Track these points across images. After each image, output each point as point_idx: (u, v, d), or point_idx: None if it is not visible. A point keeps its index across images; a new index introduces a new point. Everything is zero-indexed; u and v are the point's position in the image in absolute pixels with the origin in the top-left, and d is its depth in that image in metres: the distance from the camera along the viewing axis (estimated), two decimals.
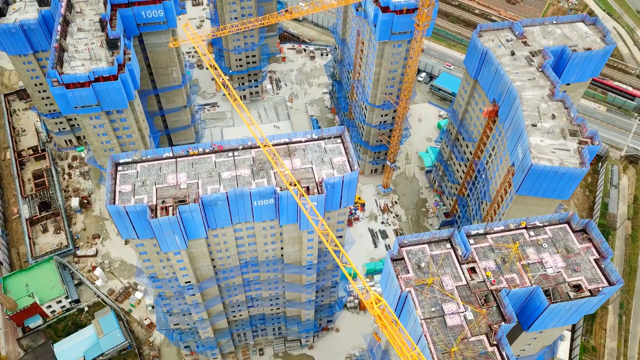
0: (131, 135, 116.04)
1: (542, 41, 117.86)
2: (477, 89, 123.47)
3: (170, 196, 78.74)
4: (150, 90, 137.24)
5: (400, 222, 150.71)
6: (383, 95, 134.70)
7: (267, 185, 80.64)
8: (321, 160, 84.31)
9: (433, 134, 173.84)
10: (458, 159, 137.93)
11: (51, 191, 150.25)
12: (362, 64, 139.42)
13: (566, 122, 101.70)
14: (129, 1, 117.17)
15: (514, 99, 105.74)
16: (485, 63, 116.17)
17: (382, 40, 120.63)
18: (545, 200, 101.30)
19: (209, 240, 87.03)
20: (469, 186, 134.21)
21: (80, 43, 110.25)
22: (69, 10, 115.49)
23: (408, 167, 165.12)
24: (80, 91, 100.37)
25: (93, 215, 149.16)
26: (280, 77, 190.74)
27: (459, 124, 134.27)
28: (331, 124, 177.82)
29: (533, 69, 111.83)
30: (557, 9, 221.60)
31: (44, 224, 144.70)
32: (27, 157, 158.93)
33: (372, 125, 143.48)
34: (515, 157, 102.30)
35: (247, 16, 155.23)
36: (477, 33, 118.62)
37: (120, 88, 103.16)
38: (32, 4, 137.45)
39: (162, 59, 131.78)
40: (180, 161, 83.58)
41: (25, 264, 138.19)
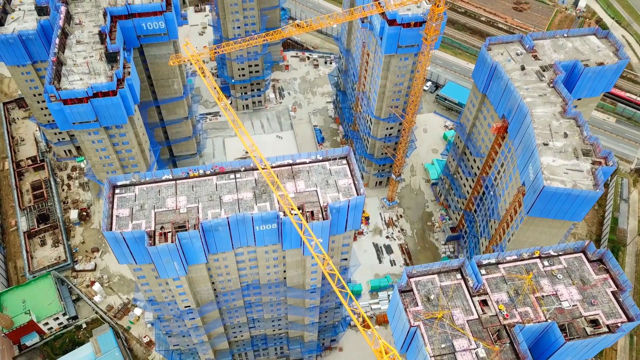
0: (131, 150, 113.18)
1: (552, 55, 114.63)
2: (486, 103, 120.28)
3: (170, 221, 75.80)
4: (150, 102, 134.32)
5: (405, 236, 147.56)
6: (389, 108, 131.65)
7: (270, 209, 77.72)
8: (326, 183, 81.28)
9: (439, 145, 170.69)
10: (465, 173, 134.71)
11: (50, 203, 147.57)
12: (367, 76, 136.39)
13: (579, 141, 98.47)
14: (129, 13, 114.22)
15: (524, 116, 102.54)
16: (494, 78, 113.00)
17: (389, 54, 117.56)
18: (557, 222, 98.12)
19: (209, 265, 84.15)
20: (477, 202, 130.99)
21: (79, 56, 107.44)
22: (67, 22, 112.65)
23: (413, 179, 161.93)
24: (78, 107, 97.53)
25: (92, 228, 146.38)
26: (284, 86, 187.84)
27: (467, 138, 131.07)
28: (335, 134, 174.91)
29: (544, 84, 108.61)
30: (564, 17, 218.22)
31: (42, 237, 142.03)
32: (25, 167, 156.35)
33: (377, 138, 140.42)
34: (526, 176, 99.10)
35: (250, 25, 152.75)
36: (486, 46, 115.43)
37: (120, 104, 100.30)
38: (31, 13, 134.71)
39: (163, 71, 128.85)
40: (180, 183, 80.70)
41: (22, 278, 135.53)
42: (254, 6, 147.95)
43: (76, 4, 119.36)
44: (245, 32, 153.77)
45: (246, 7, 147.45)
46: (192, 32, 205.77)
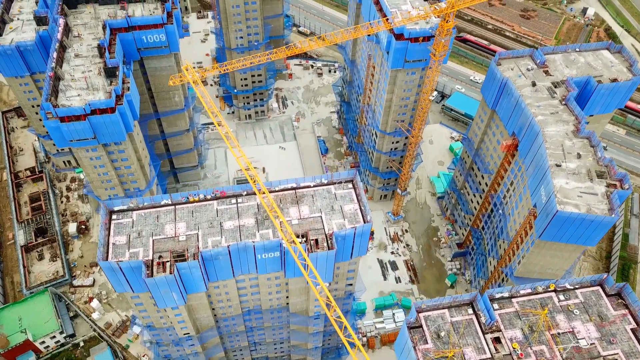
0: (130, 167, 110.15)
1: (564, 70, 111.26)
2: (495, 119, 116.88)
3: (168, 249, 72.75)
4: (151, 115, 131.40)
5: (410, 252, 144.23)
6: (394, 122, 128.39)
7: (273, 237, 74.63)
8: (331, 209, 78.09)
9: (445, 157, 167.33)
10: (472, 189, 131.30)
11: (48, 216, 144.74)
12: (373, 89, 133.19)
13: (593, 162, 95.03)
14: (129, 25, 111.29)
15: (535, 135, 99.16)
16: (504, 94, 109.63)
17: (395, 69, 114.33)
18: (570, 246, 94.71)
19: (209, 292, 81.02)
20: (484, 219, 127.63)
21: (77, 70, 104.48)
22: (66, 34, 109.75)
23: (419, 192, 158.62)
24: (76, 125, 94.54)
25: (91, 242, 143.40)
26: (287, 95, 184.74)
27: (474, 154, 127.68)
28: (339, 145, 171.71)
29: (556, 101, 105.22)
30: (572, 25, 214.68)
31: (39, 251, 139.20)
32: (24, 178, 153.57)
33: (382, 152, 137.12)
34: (537, 198, 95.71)
35: (253, 35, 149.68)
36: (496, 61, 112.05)
37: (118, 121, 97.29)
38: (29, 22, 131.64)
39: (163, 83, 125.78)
40: (179, 208, 77.66)
41: (19, 293, 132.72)
42: (257, 16, 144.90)
43: (75, 16, 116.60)
44: (248, 42, 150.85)
45: (249, 17, 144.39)
46: (194, 39, 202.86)
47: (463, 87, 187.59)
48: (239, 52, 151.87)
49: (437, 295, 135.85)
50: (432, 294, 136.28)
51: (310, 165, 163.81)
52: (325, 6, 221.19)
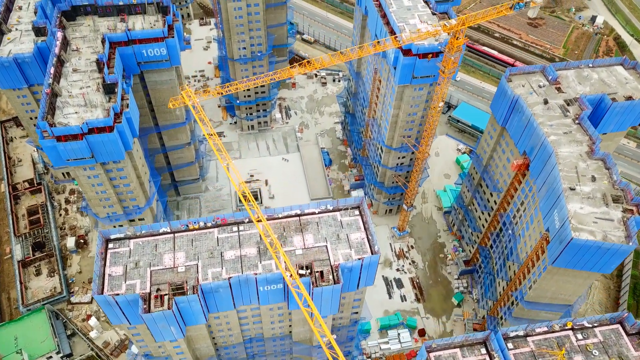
0: (129, 185, 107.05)
1: (577, 87, 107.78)
2: (505, 136, 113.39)
3: (166, 281, 69.59)
4: (151, 128, 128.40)
5: (416, 269, 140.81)
6: (401, 138, 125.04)
7: (276, 268, 71.26)
8: (337, 237, 74.84)
9: (451, 170, 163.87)
10: (480, 206, 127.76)
11: (46, 230, 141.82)
12: (379, 103, 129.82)
13: (608, 185, 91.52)
14: (129, 39, 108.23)
15: (548, 156, 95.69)
16: (515, 111, 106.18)
17: (402, 84, 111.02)
18: (584, 273, 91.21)
19: (209, 322, 77.83)
20: (493, 237, 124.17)
21: (75, 86, 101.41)
22: (64, 48, 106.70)
23: (425, 206, 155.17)
24: (72, 144, 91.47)
25: (89, 257, 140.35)
26: (290, 105, 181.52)
27: (483, 170, 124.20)
28: (343, 157, 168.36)
29: (569, 120, 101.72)
30: (581, 33, 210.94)
31: (37, 266, 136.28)
32: (22, 190, 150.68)
33: (387, 167, 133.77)
34: (550, 222, 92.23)
35: (256, 45, 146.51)
36: (507, 77, 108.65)
37: (117, 140, 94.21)
38: (28, 33, 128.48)
39: (164, 97, 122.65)
40: (178, 237, 74.54)
41: (15, 310, 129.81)
42: (260, 26, 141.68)
43: (74, 29, 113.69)
44: (252, 53, 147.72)
45: (253, 28, 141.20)
46: (196, 47, 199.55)
47: (470, 97, 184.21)
48: (242, 62, 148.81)
49: (444, 314, 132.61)
50: (438, 312, 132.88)
51: (314, 177, 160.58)
52: (329, 13, 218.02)
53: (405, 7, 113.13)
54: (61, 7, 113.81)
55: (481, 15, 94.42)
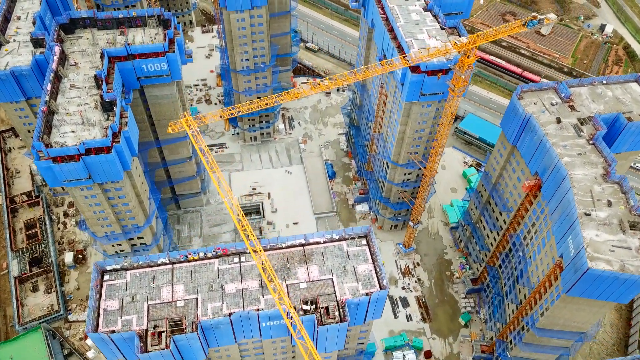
0: (128, 204, 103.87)
1: (591, 106, 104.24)
2: (516, 155, 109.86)
3: (164, 317, 66.41)
4: (151, 143, 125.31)
5: (422, 287, 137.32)
6: (408, 154, 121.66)
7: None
8: (343, 269, 71.52)
9: (458, 184, 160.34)
10: (489, 225, 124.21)
11: (43, 244, 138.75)
12: (385, 118, 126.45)
13: (625, 211, 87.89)
14: (129, 54, 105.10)
15: (562, 178, 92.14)
16: (526, 130, 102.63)
17: (410, 101, 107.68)
18: (599, 302, 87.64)
19: (209, 355, 74.55)
20: (501, 257, 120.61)
21: (73, 103, 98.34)
22: (61, 63, 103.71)
23: (431, 221, 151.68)
24: (69, 165, 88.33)
25: (87, 272, 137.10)
26: (294, 115, 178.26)
27: (492, 188, 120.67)
28: (347, 170, 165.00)
29: (583, 140, 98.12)
30: (590, 42, 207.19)
31: (34, 282, 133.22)
32: (19, 203, 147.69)
33: (393, 183, 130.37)
34: (564, 249, 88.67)
35: (259, 57, 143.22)
36: (518, 95, 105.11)
37: (115, 160, 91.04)
38: (26, 44, 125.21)
39: (165, 111, 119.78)
40: (177, 268, 71.30)
41: (11, 329, 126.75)
42: (264, 37, 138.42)
43: (72, 42, 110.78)
44: (254, 64, 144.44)
45: (256, 39, 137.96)
46: (198, 55, 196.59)
47: (477, 108, 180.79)
48: (245, 74, 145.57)
49: (450, 335, 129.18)
50: (445, 333, 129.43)
51: (317, 191, 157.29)
52: (334, 20, 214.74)
53: (413, 22, 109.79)
54: (59, 20, 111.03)
55: (493, 33, 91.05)
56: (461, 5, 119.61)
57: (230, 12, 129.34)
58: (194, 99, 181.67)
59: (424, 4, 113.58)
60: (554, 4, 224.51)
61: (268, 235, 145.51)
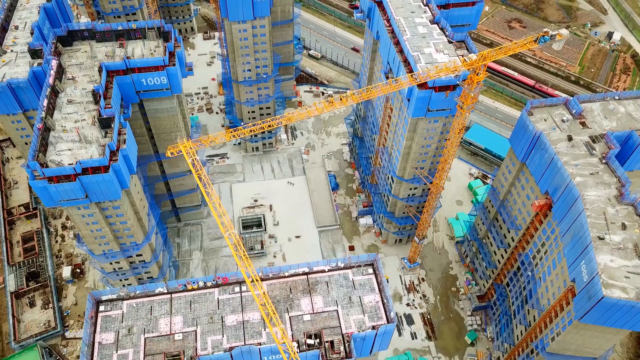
0: (126, 222, 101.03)
1: (603, 122, 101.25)
2: (525, 172, 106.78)
3: (162, 351, 63.61)
4: (151, 156, 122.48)
5: (427, 303, 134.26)
6: (413, 169, 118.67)
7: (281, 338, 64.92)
8: (349, 300, 68.59)
9: (464, 196, 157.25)
10: (496, 241, 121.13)
11: (41, 258, 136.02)
12: (390, 132, 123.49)
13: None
14: (128, 67, 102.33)
15: (574, 200, 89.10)
16: (536, 147, 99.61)
17: (417, 117, 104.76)
18: (614, 329, 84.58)
19: None
20: (509, 275, 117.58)
21: (70, 119, 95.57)
22: (58, 77, 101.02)
23: (436, 235, 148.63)
24: (65, 186, 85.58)
25: (86, 287, 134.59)
26: (296, 125, 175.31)
27: (499, 204, 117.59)
28: (350, 181, 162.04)
29: (595, 159, 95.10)
30: (597, 50, 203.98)
31: (31, 297, 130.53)
32: (17, 215, 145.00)
33: (398, 197, 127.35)
34: (577, 273, 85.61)
35: (262, 67, 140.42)
36: (527, 111, 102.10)
37: (112, 180, 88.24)
38: (24, 55, 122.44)
39: (164, 125, 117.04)
40: (175, 297, 68.42)
41: (7, 346, 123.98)
42: (266, 48, 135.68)
43: (70, 55, 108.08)
44: (257, 75, 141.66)
45: (258, 50, 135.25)
46: (199, 62, 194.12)
47: (483, 118, 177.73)
48: (247, 84, 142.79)
49: (456, 353, 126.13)
50: (450, 352, 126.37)
51: (320, 203, 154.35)
52: (337, 27, 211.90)
53: (420, 35, 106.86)
54: (57, 33, 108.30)
55: (504, 50, 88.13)
56: (469, 17, 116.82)
57: (232, 23, 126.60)
58: (194, 108, 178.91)
59: (431, 17, 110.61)
60: (560, 10, 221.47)
61: (270, 248, 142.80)
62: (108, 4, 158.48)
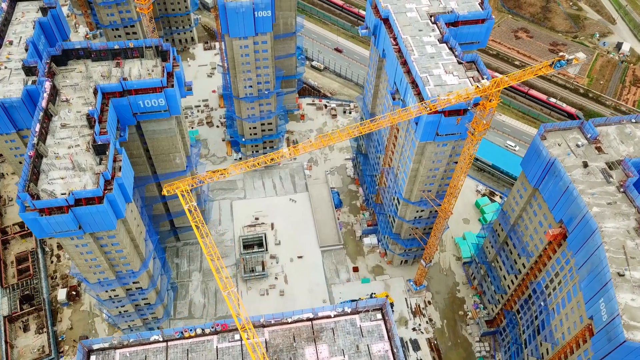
0: (122, 250, 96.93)
1: (620, 147, 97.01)
2: (537, 197, 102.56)
3: None
4: (149, 177, 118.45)
5: (434, 328, 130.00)
6: (420, 192, 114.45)
7: None
8: (356, 349, 64.44)
9: (470, 215, 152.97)
10: (506, 266, 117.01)
11: (35, 280, 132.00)
12: (395, 152, 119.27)
13: None
14: (124, 89, 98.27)
15: (591, 232, 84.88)
16: (550, 174, 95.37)
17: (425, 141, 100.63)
18: None
19: None
20: (520, 302, 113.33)
21: (63, 145, 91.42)
22: (52, 100, 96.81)
23: (442, 256, 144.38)
24: (57, 218, 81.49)
25: (82, 310, 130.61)
26: (299, 139, 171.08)
27: (510, 229, 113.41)
28: (354, 198, 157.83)
29: (612, 188, 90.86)
30: (606, 61, 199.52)
31: (25, 321, 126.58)
32: (11, 234, 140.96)
33: (404, 220, 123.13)
34: (595, 311, 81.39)
35: (263, 84, 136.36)
36: (540, 135, 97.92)
37: (107, 211, 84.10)
38: (18, 72, 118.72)
39: (163, 146, 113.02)
40: (172, 346, 64.31)
41: None
42: (268, 64, 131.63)
43: (64, 75, 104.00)
44: (258, 91, 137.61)
45: (260, 66, 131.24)
46: (200, 73, 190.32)
47: (489, 132, 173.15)
48: (248, 101, 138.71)
49: None
50: None
51: (323, 221, 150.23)
52: (340, 37, 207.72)
53: (429, 55, 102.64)
54: (51, 52, 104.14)
55: (518, 75, 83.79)
56: (478, 35, 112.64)
57: (234, 40, 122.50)
58: (194, 121, 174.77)
59: (439, 35, 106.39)
60: (567, 20, 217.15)
61: (271, 270, 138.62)
62: (106, 17, 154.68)
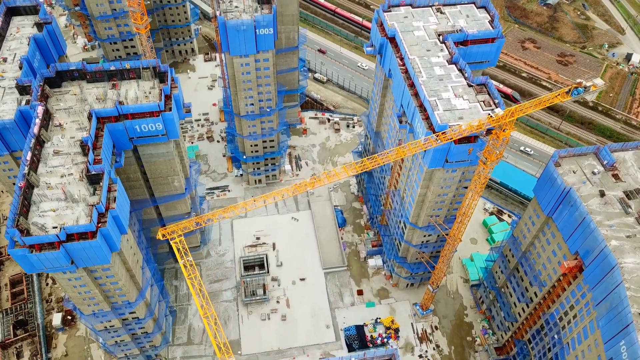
0: (117, 282, 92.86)
1: (638, 175, 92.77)
2: (551, 226, 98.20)
3: None
4: (147, 201, 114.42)
5: (441, 355, 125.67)
6: (428, 217, 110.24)
7: None
8: None
9: (478, 234, 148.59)
10: (516, 293, 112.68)
11: (30, 304, 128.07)
12: (402, 175, 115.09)
13: None
14: (120, 114, 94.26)
15: (610, 268, 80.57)
16: (565, 203, 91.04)
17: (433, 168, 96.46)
18: None
19: None
20: (532, 332, 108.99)
21: (55, 174, 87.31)
22: (45, 125, 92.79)
23: (450, 278, 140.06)
24: (48, 254, 77.43)
25: (77, 336, 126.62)
26: (301, 154, 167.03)
27: (521, 256, 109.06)
28: (358, 216, 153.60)
29: (631, 219, 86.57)
30: (616, 73, 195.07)
31: (18, 347, 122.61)
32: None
33: (411, 244, 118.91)
34: (615, 353, 77.17)
35: (265, 101, 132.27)
36: (555, 161, 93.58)
37: (101, 245, 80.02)
38: (12, 91, 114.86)
39: (161, 169, 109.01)
40: None
41: None
42: (270, 82, 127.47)
43: (58, 98, 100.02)
44: (260, 109, 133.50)
45: (261, 83, 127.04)
46: (200, 86, 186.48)
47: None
48: (249, 119, 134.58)
49: None
50: None
51: (327, 241, 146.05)
52: (343, 48, 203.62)
53: (437, 77, 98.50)
54: (44, 74, 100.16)
55: (534, 104, 79.69)
56: (489, 54, 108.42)
57: (234, 57, 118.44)
58: (194, 136, 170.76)
59: (448, 56, 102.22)
60: (575, 30, 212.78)
61: (272, 293, 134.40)
62: (104, 30, 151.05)
